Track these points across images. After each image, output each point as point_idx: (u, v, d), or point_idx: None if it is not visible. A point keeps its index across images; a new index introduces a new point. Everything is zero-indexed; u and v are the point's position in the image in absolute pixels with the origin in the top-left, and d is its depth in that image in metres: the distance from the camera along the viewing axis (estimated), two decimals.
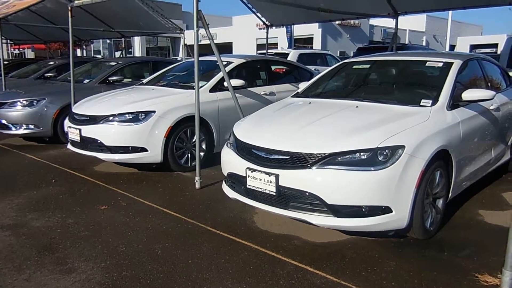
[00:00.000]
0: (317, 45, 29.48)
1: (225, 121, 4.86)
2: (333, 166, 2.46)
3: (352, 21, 30.98)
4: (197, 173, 4.01)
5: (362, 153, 2.46)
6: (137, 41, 37.50)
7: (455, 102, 3.17)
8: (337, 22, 31.45)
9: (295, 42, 29.69)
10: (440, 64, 3.44)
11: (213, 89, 4.87)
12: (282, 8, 7.40)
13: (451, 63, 3.44)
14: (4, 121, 5.95)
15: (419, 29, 37.90)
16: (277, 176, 2.57)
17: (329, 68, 4.26)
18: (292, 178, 2.53)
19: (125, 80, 6.87)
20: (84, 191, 3.96)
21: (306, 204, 2.53)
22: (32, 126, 5.94)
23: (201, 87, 4.82)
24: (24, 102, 5.96)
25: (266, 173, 2.62)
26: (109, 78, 6.64)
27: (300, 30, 28.84)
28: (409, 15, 6.73)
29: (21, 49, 34.86)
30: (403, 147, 2.51)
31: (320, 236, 2.88)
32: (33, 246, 2.76)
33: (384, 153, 2.48)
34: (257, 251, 2.69)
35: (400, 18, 8.46)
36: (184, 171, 4.57)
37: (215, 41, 3.87)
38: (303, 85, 4.09)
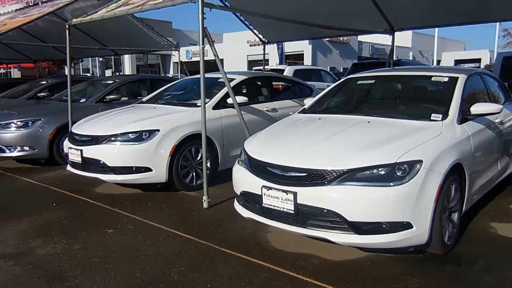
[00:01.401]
0: (307, 61, 29.97)
1: (229, 138, 4.82)
2: (352, 182, 2.44)
3: (341, 38, 31.70)
4: (204, 192, 3.93)
5: (380, 169, 2.46)
6: (127, 59, 37.47)
7: (464, 116, 3.20)
8: (326, 39, 32.19)
9: (285, 59, 30.11)
10: (446, 79, 3.49)
11: (216, 106, 4.83)
12: (279, 25, 7.49)
13: (457, 78, 3.49)
14: None
15: (405, 45, 38.95)
16: (295, 194, 2.53)
17: (334, 84, 4.29)
18: (310, 196, 2.50)
19: (123, 98, 6.80)
20: (88, 214, 3.82)
21: (325, 222, 2.49)
22: (27, 148, 5.78)
23: (207, 103, 4.79)
24: (19, 123, 5.81)
25: (283, 191, 2.58)
26: (107, 97, 6.55)
27: (291, 46, 29.32)
28: (405, 31, 6.88)
29: (7, 69, 34.46)
30: (420, 161, 2.50)
31: (338, 254, 2.82)
32: (41, 276, 2.62)
33: (402, 168, 2.47)
34: (277, 272, 2.61)
35: (387, 34, 8.69)
36: (190, 191, 4.47)
37: (206, 58, 3.87)
38: (308, 101, 4.08)
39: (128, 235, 3.28)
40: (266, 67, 12.75)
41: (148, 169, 4.19)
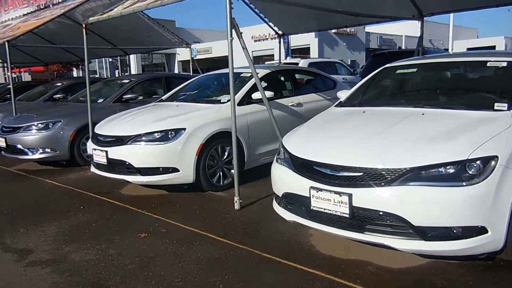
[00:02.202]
0: (314, 55, 29.57)
1: (255, 136, 4.67)
2: (416, 182, 2.22)
3: (348, 29, 31.24)
4: (236, 193, 3.78)
5: (449, 167, 2.21)
6: (132, 59, 37.46)
7: None
8: (333, 31, 31.73)
9: (292, 52, 29.78)
10: (505, 64, 3.12)
11: (240, 103, 4.67)
12: (295, 16, 7.30)
13: None
14: (20, 146, 5.72)
15: (415, 34, 38.16)
16: (350, 195, 2.34)
17: (370, 75, 4.08)
18: (368, 198, 2.30)
19: (139, 97, 6.68)
20: (117, 217, 3.71)
21: (386, 227, 2.29)
22: (49, 150, 5.71)
23: (228, 101, 4.64)
24: (40, 125, 5.74)
25: (336, 192, 2.39)
26: (124, 97, 6.44)
27: (297, 40, 28.95)
28: (436, 15, 6.59)
29: (17, 73, 34.70)
30: (495, 157, 2.21)
31: (395, 261, 2.60)
32: (81, 284, 2.52)
33: (475, 165, 2.20)
34: (331, 281, 2.42)
35: (396, 23, 8.30)
36: (217, 191, 4.34)
37: (209, 56, 3.69)
38: (343, 94, 3.89)
39: (162, 239, 3.16)
40: (275, 61, 12.54)
41: (175, 170, 4.06)
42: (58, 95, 8.07)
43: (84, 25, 5.50)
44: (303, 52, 30.78)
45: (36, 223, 3.64)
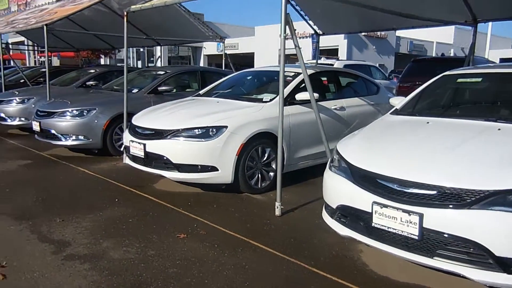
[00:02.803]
0: (342, 57, 29.02)
1: (296, 138, 4.46)
2: (501, 207, 1.97)
3: (378, 33, 30.55)
4: (278, 197, 3.59)
5: None
6: (159, 50, 37.81)
7: None
8: (363, 34, 31.09)
9: (320, 53, 29.32)
10: None
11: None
12: (338, 16, 7.03)
13: None
14: (53, 131, 5.69)
15: (446, 41, 37.13)
16: (420, 215, 2.12)
17: (427, 82, 3.81)
18: (442, 220, 2.06)
19: (174, 90, 6.58)
20: (153, 214, 3.58)
21: (461, 254, 2.06)
22: (82, 137, 5.66)
23: (271, 100, 4.45)
24: (74, 112, 5.69)
25: (404, 211, 2.17)
26: (159, 88, 6.34)
27: (325, 41, 28.45)
28: (490, 22, 6.17)
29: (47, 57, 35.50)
30: None
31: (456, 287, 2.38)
32: (121, 285, 2.38)
33: None
34: None
35: (428, 29, 7.87)
36: (254, 193, 4.16)
37: (236, 52, 3.48)
38: (396, 101, 3.64)
39: (202, 242, 3.00)
40: (312, 61, 12.24)
41: (214, 169, 3.90)
42: (91, 82, 8.07)
43: (125, 13, 5.40)
44: (331, 53, 30.21)
45: (71, 213, 3.55)
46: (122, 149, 5.82)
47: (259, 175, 4.22)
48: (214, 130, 3.92)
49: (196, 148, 3.89)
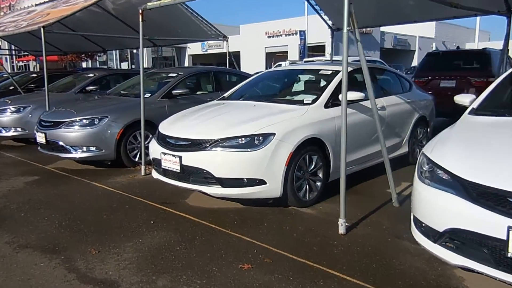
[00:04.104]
0: (327, 53, 28.94)
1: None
2: None
3: (364, 29, 30.66)
4: (341, 213, 3.18)
5: None
6: (144, 52, 36.83)
7: None
8: (349, 29, 31.04)
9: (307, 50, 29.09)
10: None
11: (325, 105, 4.07)
12: (358, 9, 6.66)
13: None
14: (61, 143, 5.13)
15: (428, 35, 37.62)
16: None
17: (502, 77, 3.42)
18: None
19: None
20: (200, 238, 3.12)
21: None
22: (94, 148, 5.12)
23: (313, 101, 4.05)
24: (85, 120, 5.14)
25: None
26: (173, 92, 5.84)
27: (312, 37, 28.30)
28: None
29: (25, 62, 34.04)
30: None
31: None
32: None
33: None
34: None
35: (410, 24, 7.64)
36: (302, 207, 3.75)
37: (221, 50, 3.11)
38: (465, 99, 3.26)
39: (273, 274, 2.57)
40: (318, 58, 11.93)
41: (262, 182, 3.46)
42: (91, 87, 7.48)
43: (140, 11, 4.89)
44: (318, 50, 30.13)
45: (105, 241, 3.05)
46: (137, 159, 5.32)
47: (307, 186, 3.81)
48: (260, 138, 3.48)
49: (241, 159, 3.44)
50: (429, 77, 7.92)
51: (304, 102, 4.08)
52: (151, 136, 5.45)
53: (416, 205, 2.49)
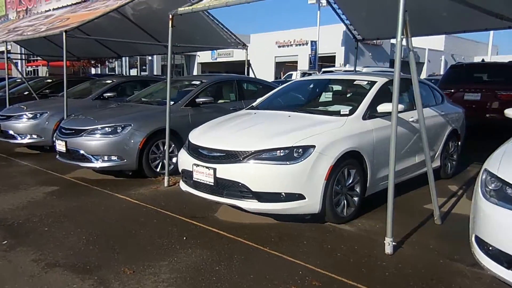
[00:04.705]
0: (339, 63, 28.88)
1: (379, 156, 3.87)
2: None
3: (374, 41, 30.79)
4: (388, 231, 2.97)
5: None
6: (155, 59, 37.09)
7: None
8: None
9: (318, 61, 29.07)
10: None
11: (363, 116, 3.88)
12: (385, 18, 6.52)
13: None
14: (82, 152, 4.97)
15: (437, 48, 37.56)
16: None
17: None
18: None
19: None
20: (238, 257, 2.92)
21: None
22: (115, 158, 4.95)
23: (351, 113, 3.86)
24: (107, 129, 4.98)
25: None
26: (196, 100, 5.69)
27: (322, 48, 28.31)
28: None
29: (34, 67, 34.28)
30: None
31: None
32: None
33: None
34: None
35: (419, 37, 7.48)
36: (339, 223, 3.54)
37: (231, 59, 2.94)
38: None
39: None
40: (337, 68, 11.82)
41: (301, 197, 3.27)
42: (109, 94, 7.37)
43: (170, 16, 4.77)
44: (328, 60, 30.12)
45: (138, 259, 2.86)
46: (158, 169, 5.15)
47: (345, 201, 3.61)
48: (300, 150, 3.29)
49: (280, 172, 3.25)
50: (452, 90, 7.73)
51: (341, 113, 3.89)
52: (173, 145, 5.31)
53: (481, 226, 2.29)
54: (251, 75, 9.40)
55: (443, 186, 4.74)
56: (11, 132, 6.76)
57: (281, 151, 3.30)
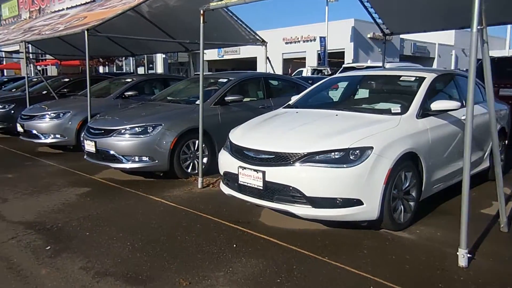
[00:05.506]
0: (348, 59, 28.50)
1: (435, 157, 3.63)
2: None
3: (386, 36, 30.32)
4: (463, 243, 2.71)
5: None
6: (159, 57, 36.98)
7: None
8: (368, 36, 30.67)
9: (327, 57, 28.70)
10: None
11: (417, 115, 3.64)
12: (418, 12, 6.27)
13: None
14: (113, 153, 4.78)
15: (447, 43, 37.00)
16: None
17: None
18: None
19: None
20: (298, 268, 2.71)
21: None
22: (147, 159, 4.76)
23: (404, 111, 3.61)
24: (137, 129, 4.79)
25: None
26: (225, 98, 5.48)
27: (331, 44, 27.92)
28: None
29: (43, 66, 34.34)
30: None
31: None
32: None
33: None
34: None
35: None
36: (396, 230, 3.31)
37: (238, 56, 2.69)
38: None
39: None
40: (359, 64, 11.52)
41: (358, 202, 3.05)
42: (130, 93, 7.19)
43: (202, 12, 4.55)
44: (336, 56, 29.73)
45: (191, 269, 2.67)
46: (189, 170, 4.96)
47: (402, 206, 3.38)
48: (357, 152, 3.07)
49: (336, 176, 3.03)
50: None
51: (392, 111, 3.65)
52: (203, 145, 5.10)
53: None
54: (270, 71, 9.17)
55: (493, 189, 4.49)
56: (34, 131, 6.62)
57: (336, 153, 3.08)
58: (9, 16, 14.12)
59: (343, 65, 12.03)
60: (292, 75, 21.54)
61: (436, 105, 3.68)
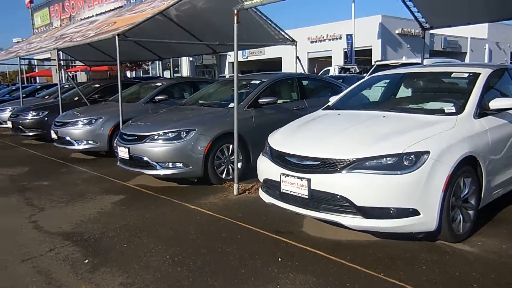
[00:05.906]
0: (376, 57, 27.70)
1: (495, 161, 3.29)
2: None
3: (413, 30, 29.35)
4: None
5: None
6: (184, 60, 37.41)
7: None
8: (396, 32, 29.73)
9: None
10: None
11: (474, 114, 3.32)
12: (463, 3, 5.88)
13: None
14: (147, 159, 4.70)
15: (480, 36, 35.33)
16: None
17: None
18: None
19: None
20: (352, 285, 2.47)
21: None
22: (180, 165, 4.65)
23: (459, 111, 3.30)
24: (170, 134, 4.69)
25: None
26: (259, 101, 5.28)
27: (358, 41, 27.22)
28: None
29: (73, 72, 35.51)
30: None
31: None
32: None
33: None
34: None
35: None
36: (454, 242, 3.01)
37: (262, 57, 2.36)
38: None
39: None
40: (393, 62, 11.07)
41: (415, 212, 2.77)
42: (160, 97, 7.14)
43: (235, 11, 4.39)
44: (363, 54, 28.96)
45: (238, 286, 2.49)
46: (223, 176, 4.81)
47: (460, 215, 3.07)
48: (411, 157, 2.80)
49: (389, 184, 2.78)
50: None
51: (446, 111, 3.35)
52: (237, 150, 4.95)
53: None
54: (300, 71, 8.92)
55: None
56: (68, 138, 6.69)
57: (389, 158, 2.82)
58: (41, 25, 14.52)
59: (376, 63, 11.57)
60: (319, 74, 21.18)
61: (495, 103, 3.34)
